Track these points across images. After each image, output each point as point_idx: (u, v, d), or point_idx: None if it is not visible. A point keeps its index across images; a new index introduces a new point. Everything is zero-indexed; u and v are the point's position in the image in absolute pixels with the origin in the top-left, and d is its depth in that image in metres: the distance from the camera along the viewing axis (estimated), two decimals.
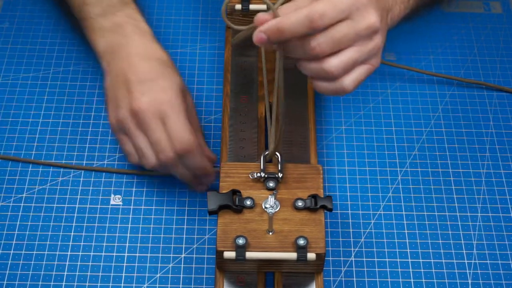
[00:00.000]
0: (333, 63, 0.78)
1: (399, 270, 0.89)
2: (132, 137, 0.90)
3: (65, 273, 0.88)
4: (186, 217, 0.93)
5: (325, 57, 0.78)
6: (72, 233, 0.91)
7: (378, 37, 0.80)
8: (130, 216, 0.93)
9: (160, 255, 0.90)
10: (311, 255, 0.81)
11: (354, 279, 0.88)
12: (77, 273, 0.88)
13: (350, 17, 0.77)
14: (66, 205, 0.93)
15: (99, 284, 0.87)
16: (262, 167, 0.87)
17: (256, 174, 0.87)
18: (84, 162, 0.97)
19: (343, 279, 0.88)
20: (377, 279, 0.88)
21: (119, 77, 0.91)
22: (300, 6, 0.77)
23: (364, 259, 0.90)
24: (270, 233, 0.83)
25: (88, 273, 0.88)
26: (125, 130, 0.90)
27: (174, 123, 0.87)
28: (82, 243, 0.90)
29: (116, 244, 0.90)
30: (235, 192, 0.85)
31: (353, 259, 0.90)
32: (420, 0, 0.93)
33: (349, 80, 0.80)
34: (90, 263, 0.89)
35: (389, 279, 0.88)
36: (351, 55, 0.78)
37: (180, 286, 0.87)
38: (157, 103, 0.88)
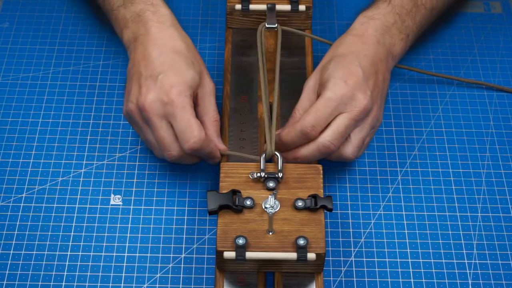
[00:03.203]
0: (349, 151, 0.91)
1: (399, 270, 0.89)
2: (141, 130, 0.92)
3: (65, 273, 0.88)
4: (186, 217, 0.93)
5: (339, 148, 0.90)
6: (72, 233, 0.91)
7: (374, 109, 0.91)
8: (130, 216, 0.93)
9: (160, 255, 0.89)
10: (311, 255, 0.81)
11: (354, 279, 0.88)
12: (77, 273, 0.88)
13: (343, 111, 0.88)
14: (66, 205, 0.93)
15: (99, 284, 0.87)
16: (262, 167, 0.87)
17: (256, 174, 0.87)
18: (84, 162, 0.97)
19: (343, 279, 0.88)
20: (377, 279, 0.88)
21: (134, 68, 0.92)
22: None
23: (364, 259, 0.90)
24: (270, 233, 0.83)
25: (88, 273, 0.88)
26: (134, 122, 0.92)
27: (179, 123, 0.88)
28: (82, 243, 0.90)
29: (116, 244, 0.90)
30: (235, 192, 0.85)
31: (353, 259, 0.90)
32: (420, 28, 1.02)
33: (361, 153, 0.93)
34: (90, 263, 0.89)
35: (389, 279, 0.88)
36: (359, 137, 0.91)
37: (180, 286, 0.87)
38: (162, 102, 0.88)
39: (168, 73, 0.90)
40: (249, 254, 0.81)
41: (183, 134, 0.88)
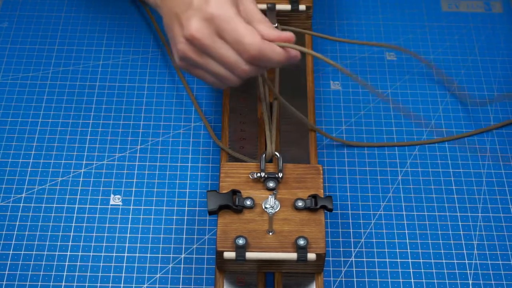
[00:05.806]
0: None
1: (400, 270, 0.89)
2: (203, 66, 0.85)
3: (65, 273, 0.88)
4: (186, 217, 0.93)
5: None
6: (72, 233, 0.91)
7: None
8: (130, 216, 0.92)
9: (160, 255, 0.89)
10: (311, 255, 0.81)
11: (354, 279, 0.88)
12: (76, 274, 0.88)
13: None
14: (65, 205, 0.93)
15: (98, 285, 0.87)
16: (262, 167, 0.87)
17: (256, 174, 0.86)
18: (84, 162, 0.97)
19: (343, 279, 0.88)
20: (378, 280, 0.88)
21: (170, 13, 0.85)
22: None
23: (364, 259, 0.90)
24: (270, 233, 0.83)
25: (88, 274, 0.88)
26: (193, 63, 0.86)
27: (232, 34, 0.82)
28: (81, 243, 0.90)
29: (115, 244, 0.90)
30: (235, 192, 0.85)
31: (353, 259, 0.89)
32: None
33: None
34: (89, 263, 0.89)
35: (389, 280, 0.88)
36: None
37: (180, 286, 0.87)
38: (207, 21, 0.82)
39: None
40: (249, 254, 0.81)
41: (241, 45, 0.82)
